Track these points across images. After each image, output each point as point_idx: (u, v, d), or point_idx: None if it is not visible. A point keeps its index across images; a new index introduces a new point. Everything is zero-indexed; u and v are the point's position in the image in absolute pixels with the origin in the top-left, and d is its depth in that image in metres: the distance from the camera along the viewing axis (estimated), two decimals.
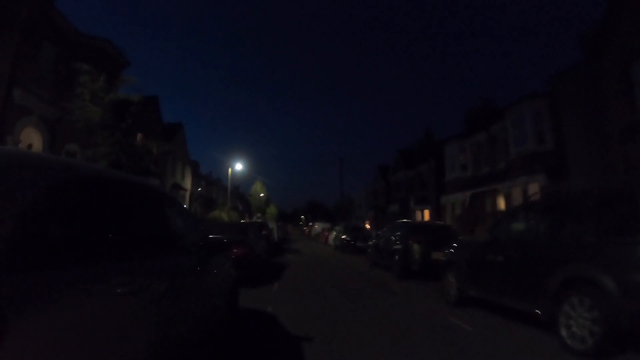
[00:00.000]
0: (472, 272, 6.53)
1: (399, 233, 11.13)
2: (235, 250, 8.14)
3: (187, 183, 31.75)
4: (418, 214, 31.44)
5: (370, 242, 13.49)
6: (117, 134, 10.47)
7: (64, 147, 16.02)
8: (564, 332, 4.25)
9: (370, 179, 51.61)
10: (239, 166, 32.33)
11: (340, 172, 45.61)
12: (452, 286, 7.09)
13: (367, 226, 37.09)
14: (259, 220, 21.23)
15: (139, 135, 12.11)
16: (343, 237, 20.23)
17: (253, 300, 6.79)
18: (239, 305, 4.98)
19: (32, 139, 14.71)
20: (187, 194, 30.62)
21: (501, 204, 22.06)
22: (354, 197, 54.31)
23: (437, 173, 29.43)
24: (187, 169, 31.66)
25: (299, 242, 34.06)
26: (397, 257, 10.49)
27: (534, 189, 18.65)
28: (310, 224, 62.23)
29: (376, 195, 47.06)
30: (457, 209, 24.75)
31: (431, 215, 29.59)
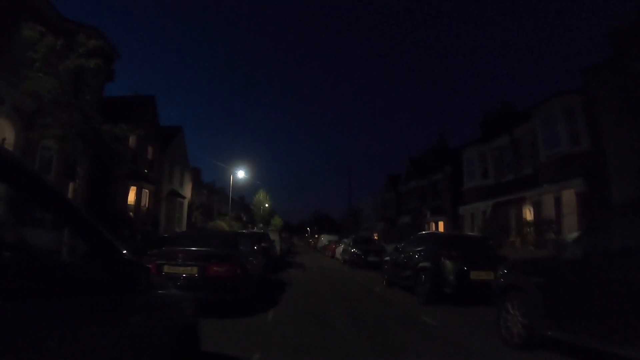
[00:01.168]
0: (553, 303, 4.50)
1: (425, 247, 9.08)
2: (216, 268, 6.16)
3: (187, 191, 29.93)
4: (432, 226, 29.25)
5: (387, 258, 11.40)
6: (75, 112, 8.28)
7: (40, 142, 14.22)
8: None
9: (378, 189, 49.58)
10: (241, 174, 30.54)
11: (349, 180, 43.64)
12: (514, 321, 5.05)
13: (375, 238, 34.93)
14: (259, 231, 19.26)
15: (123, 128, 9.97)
16: (353, 250, 18.16)
17: (236, 339, 4.83)
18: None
19: (3, 132, 12.96)
20: (186, 202, 28.74)
21: (528, 213, 19.94)
22: (362, 208, 52.14)
23: (452, 181, 27.39)
24: (186, 175, 29.86)
25: (305, 255, 31.94)
26: (424, 276, 8.42)
27: (568, 196, 16.59)
28: (316, 236, 60.10)
29: (385, 206, 44.94)
30: (478, 220, 22.62)
31: (447, 226, 27.41)
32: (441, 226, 28.26)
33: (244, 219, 52.34)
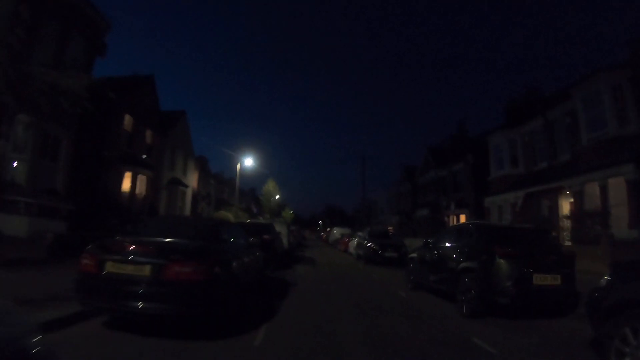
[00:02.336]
0: None
1: (467, 242, 7.03)
2: (178, 268, 4.24)
3: (191, 179, 28.23)
4: (453, 219, 27.04)
5: (413, 255, 9.37)
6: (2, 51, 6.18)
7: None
8: None
9: (392, 181, 47.38)
10: (249, 162, 28.67)
11: (363, 170, 41.31)
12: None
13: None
14: (263, 221, 17.35)
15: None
16: (368, 244, 16.15)
17: None
18: None
19: None
20: (189, 191, 27.05)
21: (565, 204, 17.68)
22: (376, 200, 49.97)
23: (475, 172, 25.17)
24: (190, 163, 28.13)
25: (315, 248, 30.06)
26: (467, 280, 6.39)
27: (616, 184, 14.34)
28: (328, 229, 58.16)
29: (400, 198, 42.77)
30: (506, 213, 20.41)
31: (469, 220, 25.19)
32: (463, 220, 26.04)
33: (255, 210, 50.70)
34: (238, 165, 27.91)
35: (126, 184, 19.52)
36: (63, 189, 14.49)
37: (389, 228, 38.09)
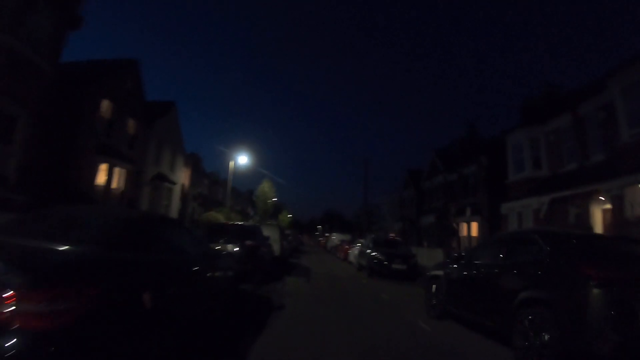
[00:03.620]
0: None
1: (530, 258, 4.80)
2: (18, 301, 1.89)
3: (179, 176, 26.03)
4: (464, 227, 24.79)
5: (438, 272, 7.09)
6: None
7: None
8: None
9: (395, 187, 45.13)
10: (243, 160, 26.48)
11: (365, 173, 38.92)
12: None
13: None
14: (248, 223, 15.05)
15: None
16: (373, 254, 13.89)
17: None
18: None
19: None
20: (177, 189, 24.83)
21: (596, 211, 15.45)
22: (379, 205, 47.68)
23: (490, 175, 22.99)
24: (179, 159, 25.92)
25: (313, 255, 27.79)
26: (532, 317, 4.20)
27: None
28: (327, 234, 55.85)
29: (404, 204, 40.51)
30: (528, 220, 18.17)
31: (482, 228, 22.97)
32: (475, 228, 23.81)
33: (252, 213, 48.41)
34: (231, 163, 25.75)
35: (102, 177, 17.36)
36: (16, 177, 12.28)
37: (391, 235, 35.88)
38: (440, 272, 6.96)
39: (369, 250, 14.75)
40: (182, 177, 32.26)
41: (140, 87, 20.79)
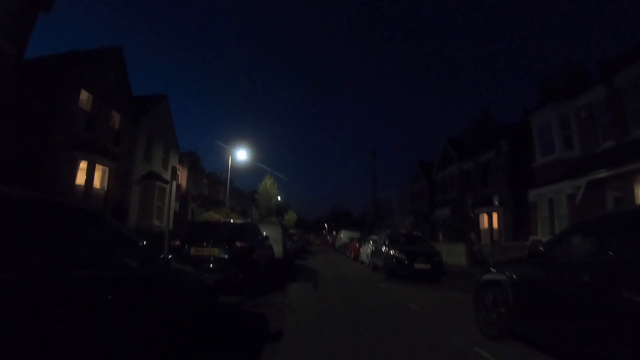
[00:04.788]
0: None
1: None
2: None
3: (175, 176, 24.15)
4: (484, 219, 22.71)
5: (498, 277, 5.04)
6: None
7: None
8: None
9: (403, 181, 43.07)
10: (242, 155, 24.53)
11: (373, 165, 36.74)
12: None
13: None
14: (241, 221, 12.99)
15: None
16: (391, 252, 11.90)
17: None
18: None
19: None
20: (171, 188, 22.91)
21: None
22: (390, 199, 45.56)
23: (511, 161, 20.93)
24: (173, 156, 24.07)
25: (320, 255, 25.87)
26: None
27: None
28: (334, 232, 53.92)
29: (415, 198, 38.47)
30: (561, 208, 16.10)
31: (503, 219, 20.89)
32: (495, 219, 21.74)
33: (255, 213, 46.49)
34: (229, 159, 23.84)
35: (81, 176, 15.53)
36: None
37: (401, 231, 33.84)
38: (500, 277, 4.96)
39: (385, 248, 12.78)
40: (180, 176, 30.51)
41: (125, 77, 18.93)
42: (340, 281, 10.83)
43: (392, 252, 11.86)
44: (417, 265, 11.29)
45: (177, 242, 7.41)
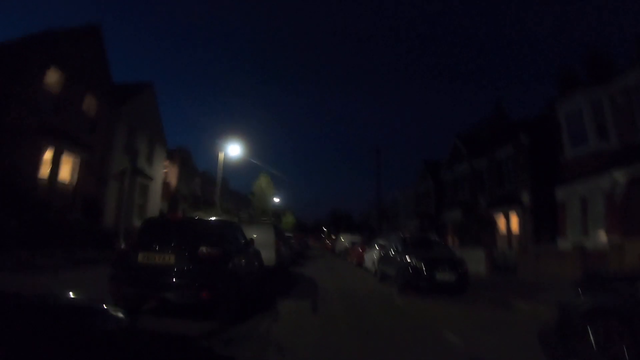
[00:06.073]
0: None
1: None
2: None
3: (159, 171, 22.14)
4: (502, 222, 20.59)
5: (606, 301, 3.01)
6: None
7: None
8: None
9: (407, 183, 41.03)
10: (235, 151, 22.40)
11: (377, 165, 34.53)
12: None
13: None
14: (217, 218, 10.85)
15: None
16: (407, 260, 9.75)
17: None
18: None
19: None
20: (154, 185, 20.91)
21: None
22: (393, 202, 43.44)
23: (532, 157, 18.86)
24: (159, 150, 21.98)
25: (319, 260, 23.73)
26: None
27: None
28: (334, 236, 51.62)
29: (420, 199, 36.34)
30: (597, 205, 14.02)
31: (523, 221, 18.78)
32: (514, 221, 19.63)
33: (244, 213, 44.09)
34: (221, 155, 21.72)
35: (47, 167, 13.50)
36: None
37: (406, 235, 31.67)
38: (616, 303, 2.88)
39: (397, 255, 10.66)
40: (169, 173, 28.41)
41: (103, 59, 16.90)
42: (345, 296, 8.69)
43: (407, 259, 9.73)
44: (439, 276, 9.15)
45: (123, 246, 5.34)
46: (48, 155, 13.52)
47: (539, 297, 8.79)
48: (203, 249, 4.96)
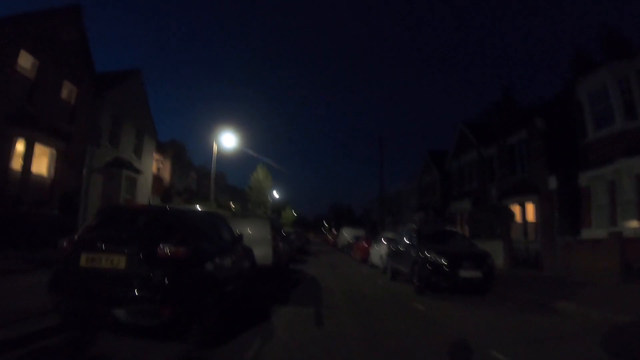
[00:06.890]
0: None
1: None
2: None
3: (148, 164, 20.79)
4: (518, 213, 19.24)
5: None
6: None
7: None
8: None
9: (410, 175, 39.66)
10: (230, 141, 21.03)
11: (380, 155, 33.16)
12: None
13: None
14: (188, 206, 9.54)
15: None
16: (426, 255, 8.42)
17: None
18: None
19: None
20: (144, 179, 19.57)
21: None
22: (396, 195, 42.05)
23: (549, 142, 17.49)
24: (148, 142, 20.60)
25: (321, 257, 22.42)
26: None
27: None
28: (334, 231, 50.38)
29: (425, 191, 34.96)
30: (628, 192, 12.67)
31: (540, 210, 17.42)
32: (531, 211, 18.29)
33: (237, 206, 42.59)
34: (215, 147, 20.38)
35: (19, 158, 12.19)
36: None
37: (421, 226, 30.32)
38: None
39: (411, 249, 9.34)
40: (162, 167, 27.10)
41: (85, 43, 15.50)
42: (354, 301, 7.37)
43: (425, 254, 8.40)
44: (463, 273, 7.84)
45: (65, 244, 4.00)
46: (20, 146, 12.20)
47: (582, 296, 7.48)
48: (164, 247, 3.62)
